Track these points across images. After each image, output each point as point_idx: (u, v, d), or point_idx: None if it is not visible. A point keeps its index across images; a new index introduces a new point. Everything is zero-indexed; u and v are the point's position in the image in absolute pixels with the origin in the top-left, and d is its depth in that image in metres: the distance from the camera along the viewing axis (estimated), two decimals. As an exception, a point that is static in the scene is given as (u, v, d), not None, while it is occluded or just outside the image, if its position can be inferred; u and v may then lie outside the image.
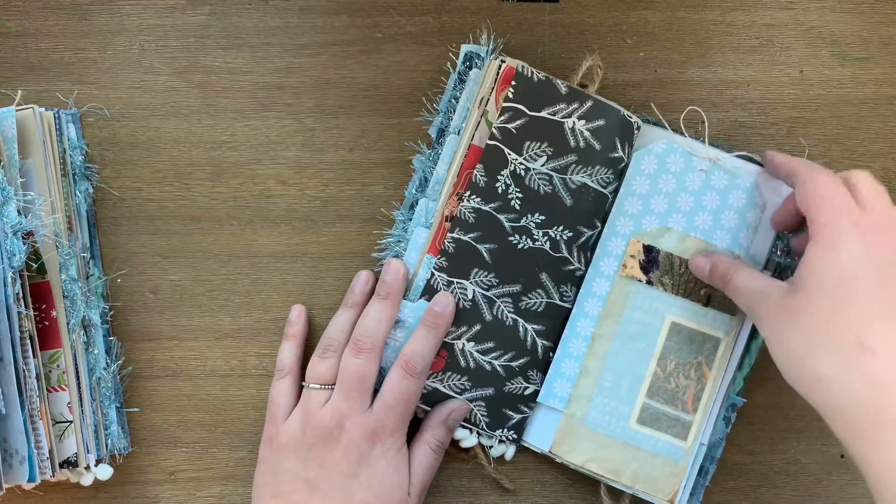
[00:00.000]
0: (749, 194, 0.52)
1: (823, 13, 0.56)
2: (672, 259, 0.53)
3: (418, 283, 0.52)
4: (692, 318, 0.52)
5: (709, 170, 0.53)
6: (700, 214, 0.53)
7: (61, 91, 0.56)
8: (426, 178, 0.54)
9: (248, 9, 0.56)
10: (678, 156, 0.53)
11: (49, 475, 0.51)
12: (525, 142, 0.52)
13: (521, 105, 0.51)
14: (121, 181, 0.56)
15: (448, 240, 0.52)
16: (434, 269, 0.52)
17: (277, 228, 0.56)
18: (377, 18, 0.56)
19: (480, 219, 0.52)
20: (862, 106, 0.56)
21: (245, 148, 0.56)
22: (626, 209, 0.53)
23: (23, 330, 0.50)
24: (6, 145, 0.51)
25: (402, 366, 0.50)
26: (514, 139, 0.52)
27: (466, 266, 0.52)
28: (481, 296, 0.52)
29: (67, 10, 0.56)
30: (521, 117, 0.51)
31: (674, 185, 0.53)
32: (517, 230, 0.52)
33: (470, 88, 0.53)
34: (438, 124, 0.54)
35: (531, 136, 0.51)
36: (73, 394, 0.52)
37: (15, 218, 0.50)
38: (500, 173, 0.52)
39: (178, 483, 0.56)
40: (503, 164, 0.52)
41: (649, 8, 0.56)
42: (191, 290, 0.56)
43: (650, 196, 0.53)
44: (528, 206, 0.52)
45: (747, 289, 0.47)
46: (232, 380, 0.56)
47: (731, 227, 0.52)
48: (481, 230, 0.52)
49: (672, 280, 0.53)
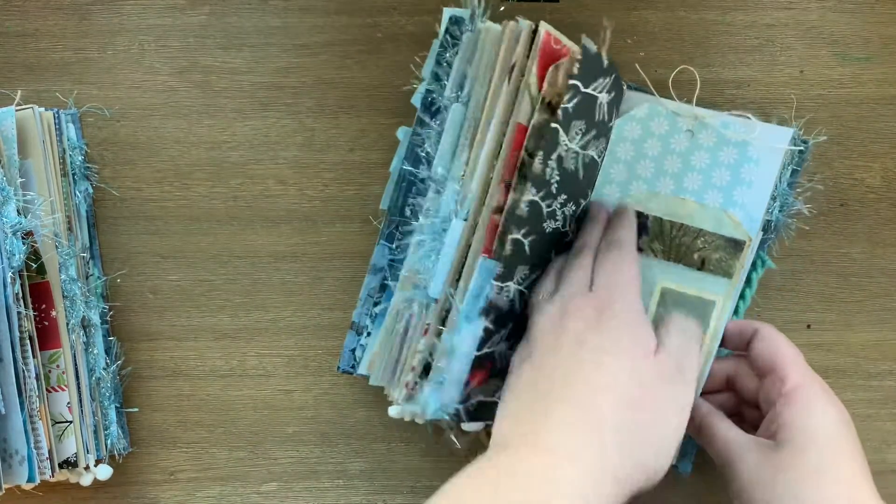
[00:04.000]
0: (741, 149, 0.50)
1: (823, 13, 0.56)
2: (662, 224, 0.51)
3: (474, 294, 0.45)
4: (685, 283, 0.51)
5: (695, 129, 0.51)
6: (689, 175, 0.51)
7: (61, 91, 0.56)
8: (417, 153, 0.49)
9: (248, 9, 0.56)
10: (662, 119, 0.51)
11: (48, 475, 0.51)
12: (573, 121, 0.45)
13: (579, 81, 0.44)
14: (120, 181, 0.56)
15: (510, 241, 0.44)
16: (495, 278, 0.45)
17: (277, 228, 0.56)
18: (377, 18, 0.56)
19: (531, 211, 0.45)
20: (862, 106, 0.56)
21: (245, 148, 0.56)
22: (611, 176, 0.52)
23: (22, 330, 0.50)
24: (6, 145, 0.51)
25: None
26: (569, 119, 0.45)
27: (515, 266, 0.46)
28: (517, 292, 0.47)
29: (67, 10, 0.56)
30: (577, 95, 0.44)
31: (659, 148, 0.51)
32: (550, 215, 0.47)
33: (467, 54, 0.48)
34: (424, 93, 0.50)
35: (579, 114, 0.46)
36: (72, 394, 0.52)
37: (14, 218, 0.50)
38: (552, 157, 0.45)
39: (178, 483, 0.56)
40: (555, 147, 0.45)
41: (649, 8, 0.56)
42: (191, 290, 0.56)
43: (635, 161, 0.52)
44: (561, 187, 0.47)
45: (725, 439, 0.47)
46: (232, 380, 0.56)
47: (723, 185, 0.51)
48: (529, 223, 0.45)
49: (663, 245, 0.51)
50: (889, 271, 0.56)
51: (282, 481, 0.56)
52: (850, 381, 0.56)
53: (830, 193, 0.56)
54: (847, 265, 0.56)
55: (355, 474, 0.56)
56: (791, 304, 0.56)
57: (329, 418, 0.56)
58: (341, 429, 0.56)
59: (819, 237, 0.56)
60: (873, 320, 0.56)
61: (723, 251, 0.50)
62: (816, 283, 0.56)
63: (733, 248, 0.50)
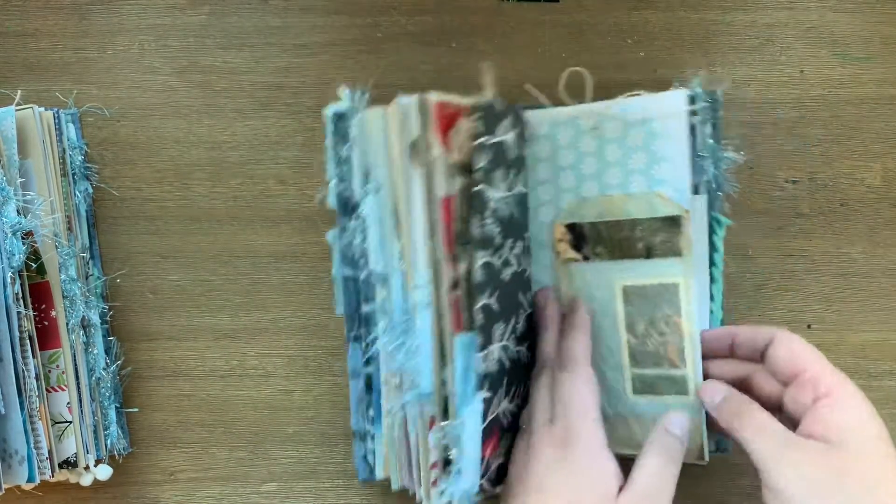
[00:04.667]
0: (646, 128, 0.49)
1: (823, 13, 0.56)
2: (597, 227, 0.51)
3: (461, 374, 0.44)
4: (641, 275, 0.50)
5: (600, 124, 0.50)
6: (608, 171, 0.51)
7: (61, 91, 0.56)
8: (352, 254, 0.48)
9: (248, 8, 0.56)
10: (565, 127, 0.51)
11: (48, 475, 0.51)
12: (493, 173, 0.45)
13: (484, 136, 0.43)
14: (120, 181, 0.56)
15: (479, 309, 0.44)
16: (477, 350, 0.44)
17: (277, 228, 0.56)
18: (377, 18, 0.56)
19: (488, 272, 0.45)
20: (862, 106, 0.56)
21: (245, 148, 0.56)
22: (542, 198, 0.52)
23: (22, 330, 0.50)
24: (6, 145, 0.51)
25: None
26: (488, 174, 0.45)
27: (491, 328, 0.46)
28: (501, 349, 0.47)
29: (67, 10, 0.56)
30: (486, 149, 0.44)
31: (572, 155, 0.51)
32: (504, 264, 0.47)
33: (361, 145, 0.47)
34: (336, 193, 0.48)
35: (496, 163, 0.45)
36: (72, 394, 0.52)
37: (14, 218, 0.50)
38: (486, 216, 0.44)
39: (178, 483, 0.56)
40: (485, 205, 0.44)
41: (649, 8, 0.56)
42: (191, 290, 0.56)
43: (556, 176, 0.51)
44: (505, 234, 0.47)
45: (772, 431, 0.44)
46: (231, 380, 0.56)
47: (641, 168, 0.50)
48: (491, 283, 0.45)
49: (606, 247, 0.51)
50: (889, 271, 0.56)
51: (282, 481, 0.56)
52: (851, 381, 0.56)
53: (830, 193, 0.56)
54: (847, 265, 0.56)
55: (355, 474, 0.56)
56: (791, 304, 0.56)
57: (329, 418, 0.56)
58: (341, 429, 0.56)
59: (819, 237, 0.56)
60: (873, 320, 0.56)
61: (663, 232, 0.49)
62: (816, 283, 0.56)
63: (671, 225, 0.49)
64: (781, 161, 0.56)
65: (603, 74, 0.55)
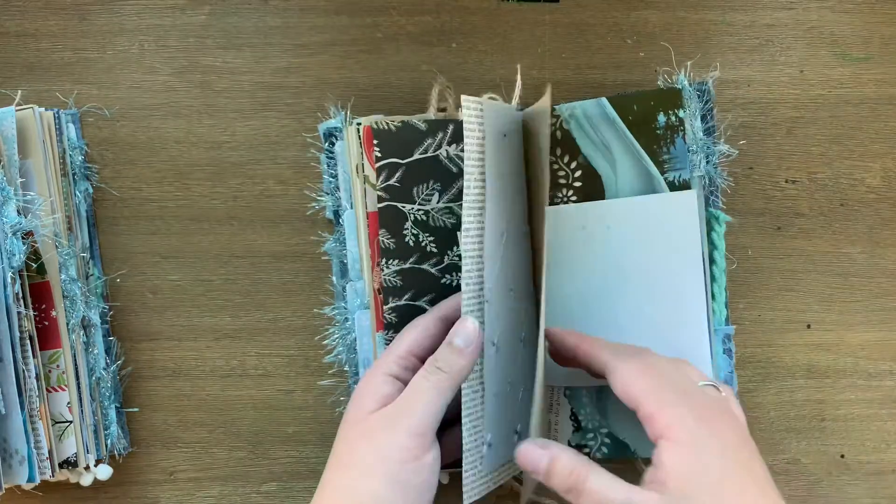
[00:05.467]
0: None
1: (823, 13, 0.56)
2: None
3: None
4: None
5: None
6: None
7: (61, 91, 0.56)
8: (342, 261, 0.54)
9: (248, 9, 0.56)
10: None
11: (49, 475, 0.51)
12: (412, 189, 0.51)
13: (393, 158, 0.51)
14: (120, 181, 0.56)
15: (386, 311, 0.51)
16: (386, 344, 0.51)
17: (277, 228, 0.56)
18: (377, 18, 0.56)
19: (407, 277, 0.51)
20: (862, 106, 0.56)
21: (245, 148, 0.56)
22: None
23: (22, 330, 0.50)
24: (6, 145, 0.51)
25: None
26: (401, 191, 0.51)
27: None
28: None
29: (67, 10, 0.56)
30: (398, 169, 0.51)
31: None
32: (444, 270, 0.52)
33: (342, 161, 0.53)
34: (332, 206, 0.54)
35: (416, 181, 0.51)
36: (72, 394, 0.52)
37: (15, 218, 0.50)
38: (405, 228, 0.51)
39: (178, 483, 0.56)
40: (403, 219, 0.51)
41: (649, 8, 0.56)
42: (191, 290, 0.56)
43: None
44: (444, 243, 0.51)
45: (608, 499, 0.41)
46: (232, 380, 0.56)
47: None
48: (413, 287, 0.51)
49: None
50: (889, 271, 0.56)
51: (282, 481, 0.56)
52: (850, 381, 0.56)
53: (830, 193, 0.56)
54: (847, 265, 0.56)
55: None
56: (791, 304, 0.56)
57: (329, 418, 0.56)
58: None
59: (819, 237, 0.56)
60: (873, 320, 0.56)
61: None
62: (816, 283, 0.56)
63: None
64: (781, 161, 0.56)
65: (603, 74, 0.55)
